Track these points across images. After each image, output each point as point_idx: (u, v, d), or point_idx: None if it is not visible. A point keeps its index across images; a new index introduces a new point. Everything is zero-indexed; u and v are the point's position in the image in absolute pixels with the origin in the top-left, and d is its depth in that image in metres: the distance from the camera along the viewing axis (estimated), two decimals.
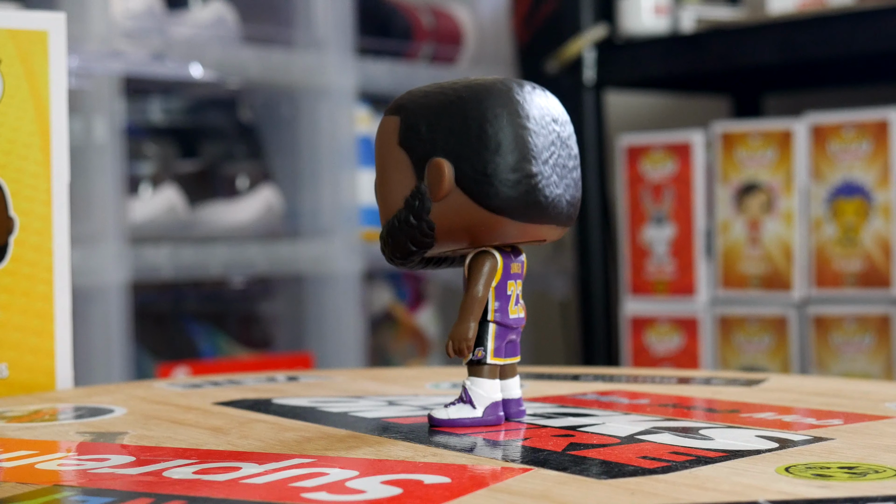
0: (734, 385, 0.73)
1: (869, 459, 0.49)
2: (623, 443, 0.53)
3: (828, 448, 0.52)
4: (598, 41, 1.74)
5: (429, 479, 0.47)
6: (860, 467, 0.47)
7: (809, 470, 0.47)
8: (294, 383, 0.78)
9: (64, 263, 0.75)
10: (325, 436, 0.57)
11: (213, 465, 0.50)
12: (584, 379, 0.78)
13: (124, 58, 1.58)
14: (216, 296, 1.91)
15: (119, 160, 1.57)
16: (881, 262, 1.51)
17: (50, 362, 0.75)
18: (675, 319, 1.65)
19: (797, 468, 0.47)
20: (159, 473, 0.49)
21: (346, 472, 0.48)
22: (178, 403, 0.69)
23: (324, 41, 1.82)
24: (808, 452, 0.51)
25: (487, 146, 0.56)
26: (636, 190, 1.68)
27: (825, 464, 0.48)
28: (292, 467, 0.49)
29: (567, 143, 0.58)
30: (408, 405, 0.66)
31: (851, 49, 1.54)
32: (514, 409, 0.60)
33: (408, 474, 0.48)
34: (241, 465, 0.50)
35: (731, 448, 0.51)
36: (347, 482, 0.46)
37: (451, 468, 0.49)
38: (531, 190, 0.56)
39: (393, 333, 2.04)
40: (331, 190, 1.83)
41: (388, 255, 0.59)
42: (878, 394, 0.68)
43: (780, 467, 0.47)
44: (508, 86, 0.57)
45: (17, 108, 0.74)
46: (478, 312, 0.57)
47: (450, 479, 0.47)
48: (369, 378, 0.82)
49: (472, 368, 0.58)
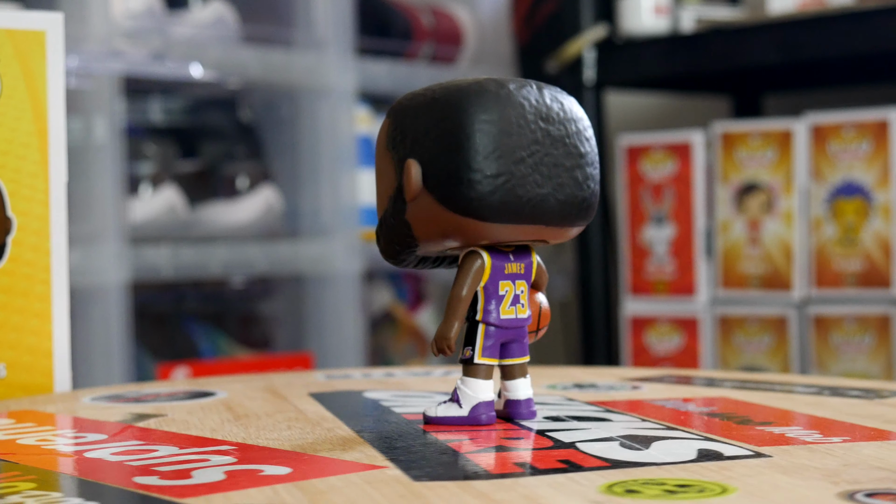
0: (852, 397, 0.69)
1: (752, 479, 0.46)
2: (556, 447, 0.53)
3: (725, 466, 0.49)
4: (598, 41, 1.74)
5: (271, 469, 0.49)
6: (697, 486, 0.45)
7: (624, 486, 0.45)
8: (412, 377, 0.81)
9: (62, 263, 0.75)
10: (327, 434, 0.57)
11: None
12: (719, 384, 0.76)
13: (124, 58, 1.58)
14: (216, 296, 1.91)
15: (119, 160, 1.57)
16: (881, 262, 1.51)
17: (48, 362, 0.75)
18: (675, 319, 1.65)
19: (625, 484, 0.45)
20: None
21: (276, 469, 0.49)
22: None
23: (324, 41, 1.82)
24: (691, 470, 0.48)
25: (451, 147, 0.56)
26: (636, 190, 1.68)
27: (660, 480, 0.46)
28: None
29: (563, 142, 0.57)
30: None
31: (851, 49, 1.54)
32: (524, 411, 0.60)
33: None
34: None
35: (633, 460, 0.50)
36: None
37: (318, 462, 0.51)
38: (496, 190, 0.55)
39: (393, 333, 2.04)
40: (331, 190, 1.83)
41: (381, 254, 0.61)
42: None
43: (606, 484, 0.45)
44: (484, 86, 0.56)
45: (14, 108, 0.74)
46: (460, 312, 0.57)
47: (291, 469, 0.49)
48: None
49: (464, 368, 0.59)
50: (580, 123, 0.58)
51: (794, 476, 0.47)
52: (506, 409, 0.60)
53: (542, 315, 0.61)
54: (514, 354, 0.59)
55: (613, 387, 0.75)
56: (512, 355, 0.59)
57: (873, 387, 0.73)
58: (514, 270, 0.59)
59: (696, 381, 0.78)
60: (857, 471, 0.48)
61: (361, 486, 0.46)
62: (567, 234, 0.59)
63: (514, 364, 0.59)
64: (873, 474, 0.47)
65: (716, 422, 0.61)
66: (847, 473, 0.47)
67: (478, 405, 0.58)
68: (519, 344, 0.59)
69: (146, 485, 0.47)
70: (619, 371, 0.85)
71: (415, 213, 0.57)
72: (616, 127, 1.97)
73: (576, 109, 0.59)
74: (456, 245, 0.58)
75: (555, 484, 0.46)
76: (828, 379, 0.77)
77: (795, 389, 0.72)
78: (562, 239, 0.60)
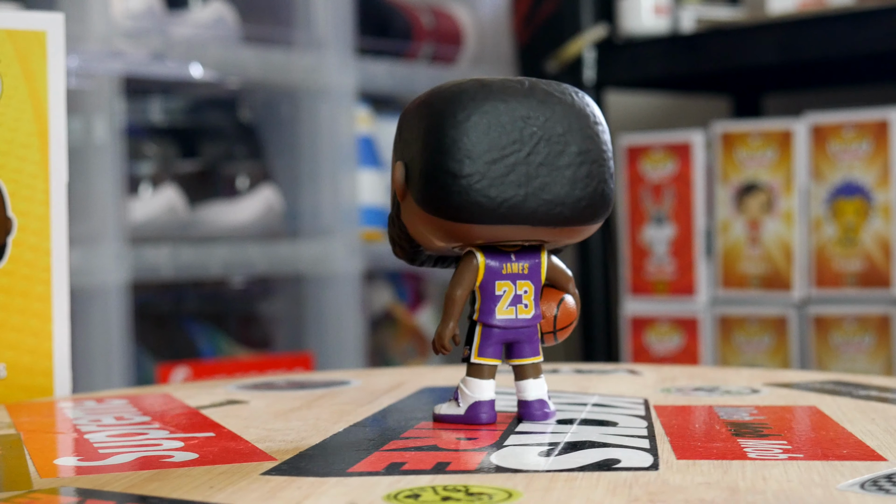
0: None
1: (559, 492, 0.45)
2: (472, 450, 0.53)
3: (587, 478, 0.48)
4: (598, 41, 1.74)
5: (181, 456, 0.53)
6: (490, 493, 0.44)
7: (412, 490, 0.45)
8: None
9: (62, 264, 0.75)
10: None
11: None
12: (796, 387, 0.74)
13: (124, 58, 1.58)
14: (216, 296, 1.91)
15: (119, 160, 1.57)
16: (881, 262, 1.51)
17: (48, 363, 0.75)
18: (675, 319, 1.65)
19: (413, 490, 0.45)
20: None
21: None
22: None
23: (324, 41, 1.82)
24: (542, 479, 0.47)
25: (426, 149, 0.56)
26: (636, 190, 1.68)
27: (459, 487, 0.46)
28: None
29: (552, 140, 0.56)
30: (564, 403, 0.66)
31: (851, 49, 1.54)
32: (535, 412, 0.59)
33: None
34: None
35: (513, 467, 0.49)
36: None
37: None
38: (464, 191, 0.55)
39: (393, 333, 2.04)
40: (331, 190, 1.82)
41: (395, 256, 0.62)
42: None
43: (391, 493, 0.45)
44: (463, 87, 0.57)
45: (15, 108, 0.74)
46: (454, 311, 0.58)
47: (197, 455, 0.53)
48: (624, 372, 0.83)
49: (466, 367, 0.59)
50: (583, 120, 0.57)
51: (618, 493, 0.45)
52: (518, 409, 0.60)
53: (559, 316, 0.60)
54: (521, 355, 0.59)
55: (730, 391, 0.71)
56: (520, 356, 0.59)
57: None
58: (515, 270, 0.58)
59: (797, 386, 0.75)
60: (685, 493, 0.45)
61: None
62: (569, 235, 0.58)
63: (522, 364, 0.59)
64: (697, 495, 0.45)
65: (716, 430, 0.60)
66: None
67: (475, 404, 0.58)
68: (528, 345, 0.59)
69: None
70: (762, 374, 0.81)
71: (406, 214, 0.58)
72: (616, 127, 1.97)
73: (578, 105, 0.57)
74: (443, 245, 0.58)
75: (359, 484, 0.47)
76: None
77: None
78: (567, 239, 0.58)
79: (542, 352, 0.60)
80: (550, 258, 0.59)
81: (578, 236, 0.58)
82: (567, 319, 0.60)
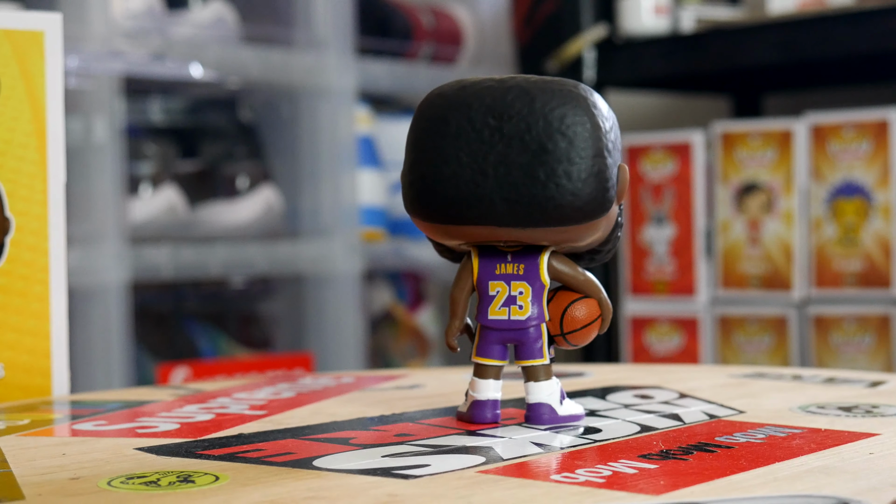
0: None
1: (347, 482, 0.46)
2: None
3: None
4: (598, 41, 1.74)
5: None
6: (211, 476, 0.47)
7: (145, 479, 0.46)
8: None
9: (60, 264, 0.75)
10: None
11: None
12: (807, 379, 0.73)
13: (124, 58, 1.58)
14: (216, 296, 1.91)
15: (119, 160, 1.57)
16: (881, 262, 1.51)
17: (46, 363, 0.75)
18: (675, 319, 1.65)
19: (150, 476, 0.47)
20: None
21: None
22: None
23: (324, 41, 1.82)
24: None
25: (406, 153, 0.57)
26: (636, 190, 1.68)
27: (202, 472, 0.47)
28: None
29: (521, 139, 0.54)
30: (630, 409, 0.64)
31: (851, 49, 1.54)
32: (538, 416, 0.58)
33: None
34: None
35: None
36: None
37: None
38: (415, 191, 0.56)
39: (393, 333, 2.04)
40: (331, 190, 1.82)
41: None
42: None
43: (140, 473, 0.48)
44: (437, 90, 0.57)
45: (13, 108, 0.74)
46: (456, 310, 0.58)
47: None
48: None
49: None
50: (562, 120, 0.54)
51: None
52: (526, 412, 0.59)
53: (565, 320, 0.58)
54: (523, 356, 0.58)
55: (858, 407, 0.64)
56: (521, 357, 0.58)
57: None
58: (509, 271, 0.57)
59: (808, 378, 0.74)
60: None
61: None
62: (562, 235, 0.55)
63: (525, 366, 0.58)
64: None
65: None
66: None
67: (476, 403, 0.58)
68: (528, 346, 0.58)
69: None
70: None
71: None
72: None
73: (556, 107, 0.54)
74: (446, 244, 0.59)
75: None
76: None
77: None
78: (565, 240, 0.56)
79: (556, 354, 0.59)
80: (555, 261, 0.57)
81: (576, 236, 0.55)
82: (574, 324, 0.58)
